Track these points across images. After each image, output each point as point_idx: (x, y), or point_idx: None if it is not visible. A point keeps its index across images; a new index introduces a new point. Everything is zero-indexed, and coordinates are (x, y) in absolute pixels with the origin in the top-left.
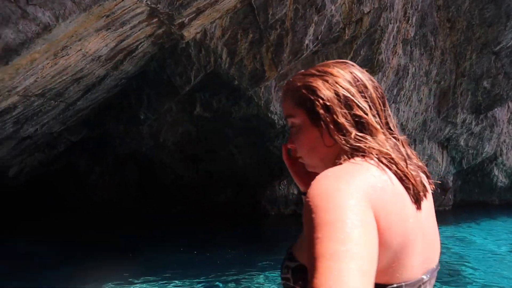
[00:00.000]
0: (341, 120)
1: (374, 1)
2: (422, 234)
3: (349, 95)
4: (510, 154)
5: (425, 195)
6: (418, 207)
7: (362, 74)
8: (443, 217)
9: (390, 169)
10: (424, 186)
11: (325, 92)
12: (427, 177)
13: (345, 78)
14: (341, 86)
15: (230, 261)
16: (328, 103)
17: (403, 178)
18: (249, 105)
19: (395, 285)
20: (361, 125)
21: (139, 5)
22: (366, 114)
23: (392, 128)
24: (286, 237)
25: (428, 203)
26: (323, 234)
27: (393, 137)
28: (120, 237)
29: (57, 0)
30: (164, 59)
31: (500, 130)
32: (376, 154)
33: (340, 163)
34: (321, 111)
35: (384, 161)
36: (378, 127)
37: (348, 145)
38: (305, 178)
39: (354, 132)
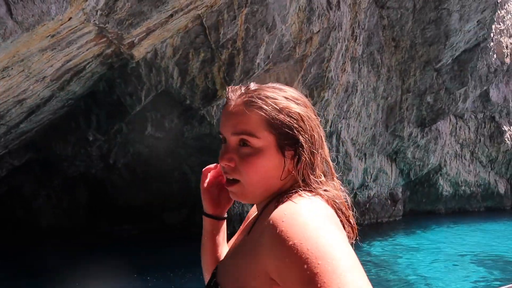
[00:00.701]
0: (316, 158)
1: (323, 21)
2: None
3: (321, 134)
4: (453, 164)
5: None
6: None
7: None
8: (393, 227)
9: (338, 214)
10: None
11: (311, 123)
12: None
13: (315, 114)
14: (316, 124)
15: (186, 284)
16: (311, 138)
17: (347, 226)
18: (201, 124)
19: None
20: (325, 167)
21: (86, 24)
22: (328, 157)
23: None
24: None
25: None
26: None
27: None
28: (71, 263)
29: None
30: (114, 79)
31: (444, 142)
32: (331, 199)
33: (291, 196)
34: (305, 145)
35: (335, 206)
36: (334, 172)
37: (309, 185)
38: (216, 200)
39: (322, 175)
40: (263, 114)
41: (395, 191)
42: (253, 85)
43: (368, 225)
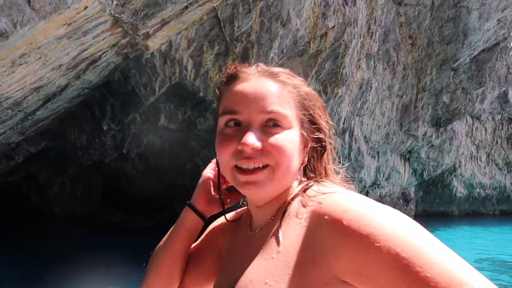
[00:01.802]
0: (330, 147)
1: (338, 16)
2: None
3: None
4: (468, 166)
5: None
6: None
7: None
8: None
9: None
10: None
11: (326, 115)
12: None
13: None
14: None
15: None
16: (328, 126)
17: None
18: None
19: None
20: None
21: (102, 14)
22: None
23: None
24: None
25: None
26: (442, 257)
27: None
28: (82, 250)
29: (15, 6)
30: (129, 69)
31: (459, 142)
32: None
33: (311, 185)
34: (327, 132)
35: None
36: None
37: (322, 173)
38: (210, 196)
39: (331, 163)
40: (295, 92)
41: (408, 190)
42: (263, 65)
43: None
